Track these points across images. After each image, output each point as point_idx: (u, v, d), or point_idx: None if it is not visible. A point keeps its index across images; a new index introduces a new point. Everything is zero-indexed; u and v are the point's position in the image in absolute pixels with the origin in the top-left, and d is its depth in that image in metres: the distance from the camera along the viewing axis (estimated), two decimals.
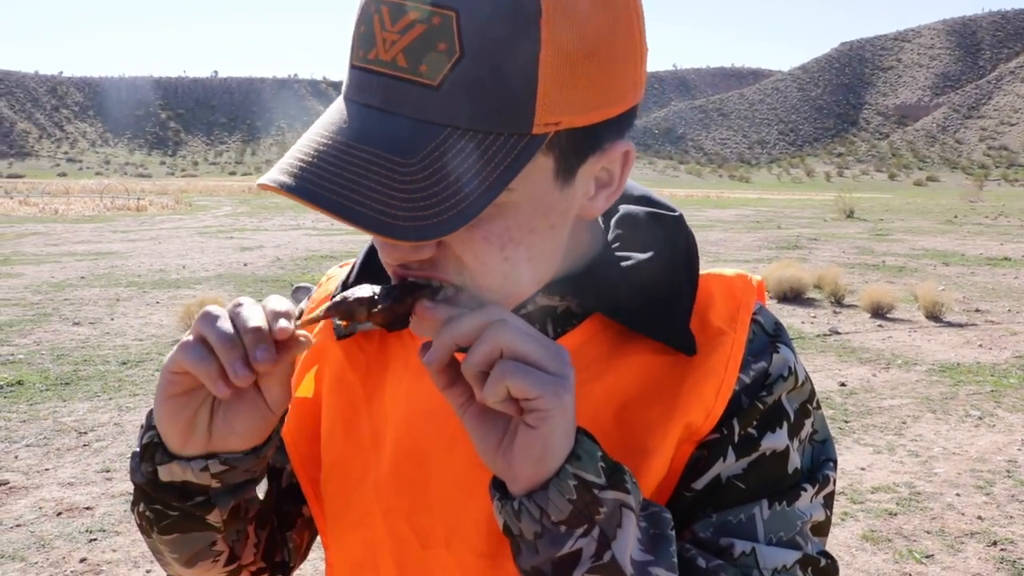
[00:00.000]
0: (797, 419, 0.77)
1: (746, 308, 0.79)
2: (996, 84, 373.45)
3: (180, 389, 0.69)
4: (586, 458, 0.63)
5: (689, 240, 0.82)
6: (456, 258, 0.67)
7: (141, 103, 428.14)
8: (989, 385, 7.10)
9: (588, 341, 0.78)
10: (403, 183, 0.59)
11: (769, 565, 0.72)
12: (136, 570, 3.79)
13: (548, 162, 0.66)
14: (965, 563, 3.92)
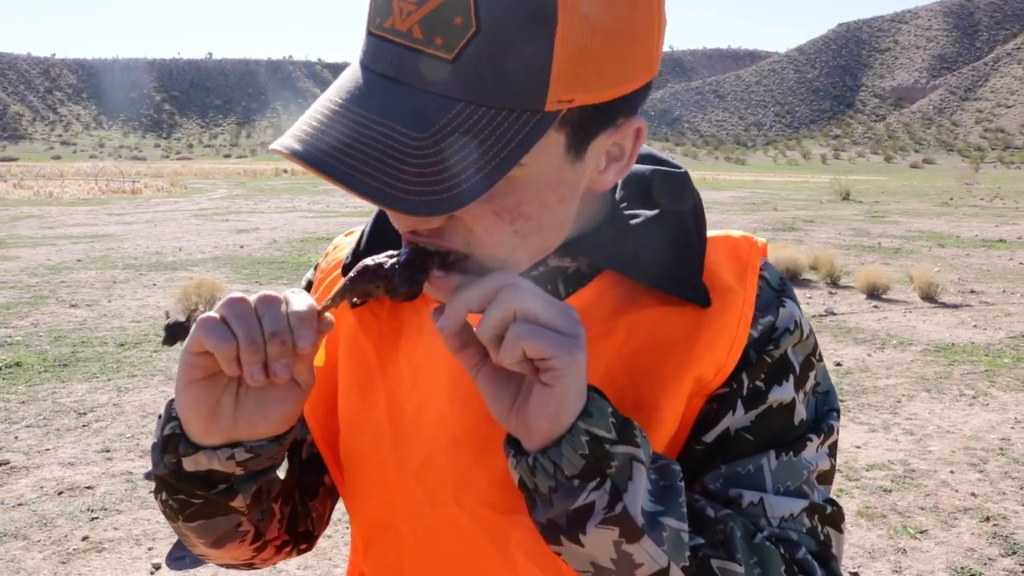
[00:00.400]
0: (802, 372, 0.79)
1: (753, 268, 0.80)
2: (993, 66, 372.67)
3: (202, 373, 0.68)
4: (597, 414, 0.65)
5: (696, 197, 0.83)
6: (466, 229, 0.68)
7: (135, 85, 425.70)
8: (983, 365, 7.15)
9: (598, 299, 0.79)
10: (415, 156, 0.59)
11: (777, 514, 0.74)
12: (138, 548, 3.83)
13: (560, 138, 0.66)
14: (958, 538, 3.97)
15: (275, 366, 0.65)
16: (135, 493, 4.40)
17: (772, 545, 0.72)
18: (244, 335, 0.65)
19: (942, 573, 3.65)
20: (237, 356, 0.65)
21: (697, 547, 0.69)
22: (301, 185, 42.10)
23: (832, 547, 0.77)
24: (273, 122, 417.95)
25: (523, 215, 0.68)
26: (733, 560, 0.69)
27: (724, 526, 0.71)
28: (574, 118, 0.65)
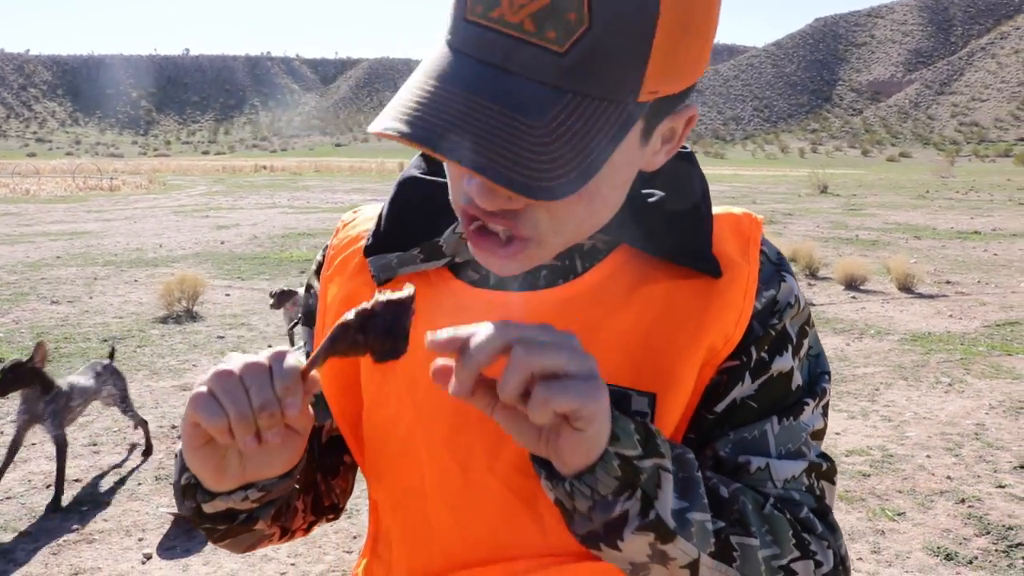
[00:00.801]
0: (798, 340, 0.85)
1: (755, 242, 0.86)
2: (967, 60, 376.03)
3: (202, 440, 0.71)
4: (624, 436, 0.69)
5: (702, 176, 0.88)
6: (544, 212, 0.71)
7: (111, 82, 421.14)
8: (959, 353, 7.28)
9: (615, 273, 0.84)
10: (530, 143, 0.62)
11: (781, 477, 0.81)
12: (128, 538, 3.85)
13: (639, 125, 0.70)
14: (935, 519, 4.07)
15: (267, 434, 0.68)
16: (123, 486, 4.42)
17: (779, 512, 0.78)
18: (234, 412, 0.67)
19: (919, 553, 3.74)
20: (230, 428, 0.67)
21: (719, 530, 0.74)
22: (280, 182, 41.93)
23: (827, 500, 0.84)
24: (251, 119, 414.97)
25: (601, 196, 0.73)
26: (749, 535, 0.75)
27: (738, 503, 0.76)
28: (653, 106, 0.69)
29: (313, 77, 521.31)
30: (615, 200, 0.76)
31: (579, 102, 0.64)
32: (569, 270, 0.85)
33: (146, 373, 6.46)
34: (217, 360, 4.03)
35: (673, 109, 0.73)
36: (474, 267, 0.88)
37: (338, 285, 0.94)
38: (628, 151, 0.71)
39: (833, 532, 0.82)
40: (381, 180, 45.87)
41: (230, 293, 9.91)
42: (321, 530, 3.94)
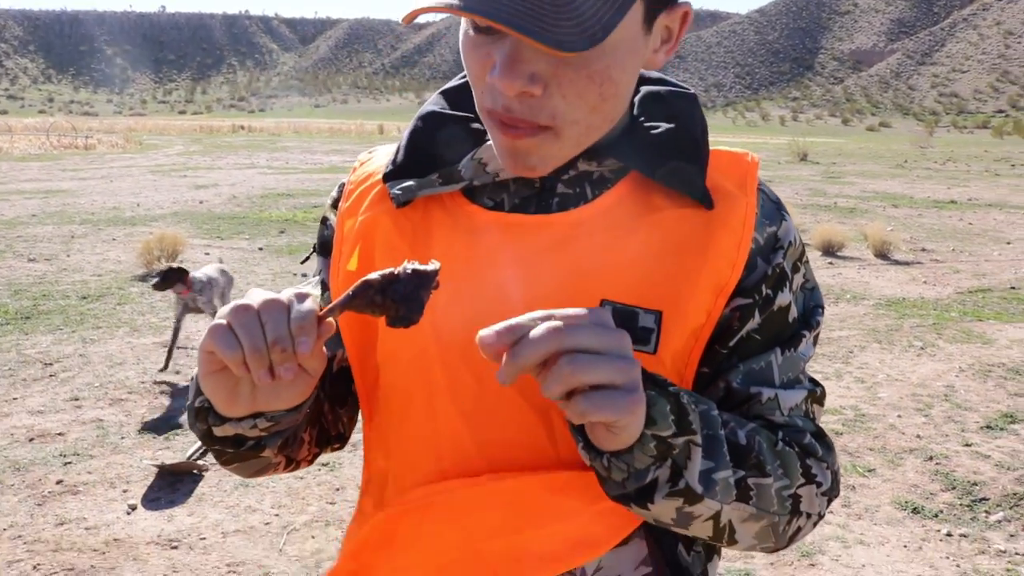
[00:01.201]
0: (793, 275, 0.91)
1: (752, 176, 0.92)
2: (949, 31, 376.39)
3: (217, 367, 0.75)
4: (660, 419, 0.73)
5: (702, 115, 0.94)
6: (559, 98, 0.78)
7: (85, 39, 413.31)
8: (931, 318, 7.41)
9: (623, 199, 0.89)
10: (551, 5, 0.70)
11: (787, 406, 0.88)
12: (113, 490, 3.89)
13: (640, 7, 0.77)
14: (903, 476, 4.18)
15: (279, 369, 0.71)
16: (107, 439, 4.45)
17: (789, 448, 0.85)
18: (249, 344, 0.70)
19: (887, 507, 3.86)
20: (244, 361, 0.70)
21: (739, 479, 0.80)
22: (259, 142, 41.53)
23: (818, 419, 0.92)
24: (229, 78, 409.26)
25: (610, 78, 0.79)
26: (765, 475, 0.81)
27: (755, 448, 0.82)
28: None
29: (292, 37, 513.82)
30: (626, 88, 0.82)
31: None
32: (580, 196, 0.90)
33: (127, 330, 6.45)
34: (197, 317, 4.06)
35: (668, 2, 0.81)
36: (490, 193, 0.92)
37: (356, 216, 0.97)
38: (632, 35, 0.78)
39: (830, 451, 0.90)
40: (360, 142, 45.51)
41: (209, 252, 9.87)
42: (304, 482, 4.00)
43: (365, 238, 0.95)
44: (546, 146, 0.82)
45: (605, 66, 0.77)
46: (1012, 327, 7.16)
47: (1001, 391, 5.46)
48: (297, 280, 8.43)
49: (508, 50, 0.76)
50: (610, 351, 0.68)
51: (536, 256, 0.87)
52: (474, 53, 0.80)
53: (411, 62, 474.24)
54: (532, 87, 0.77)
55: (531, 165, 0.83)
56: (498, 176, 0.90)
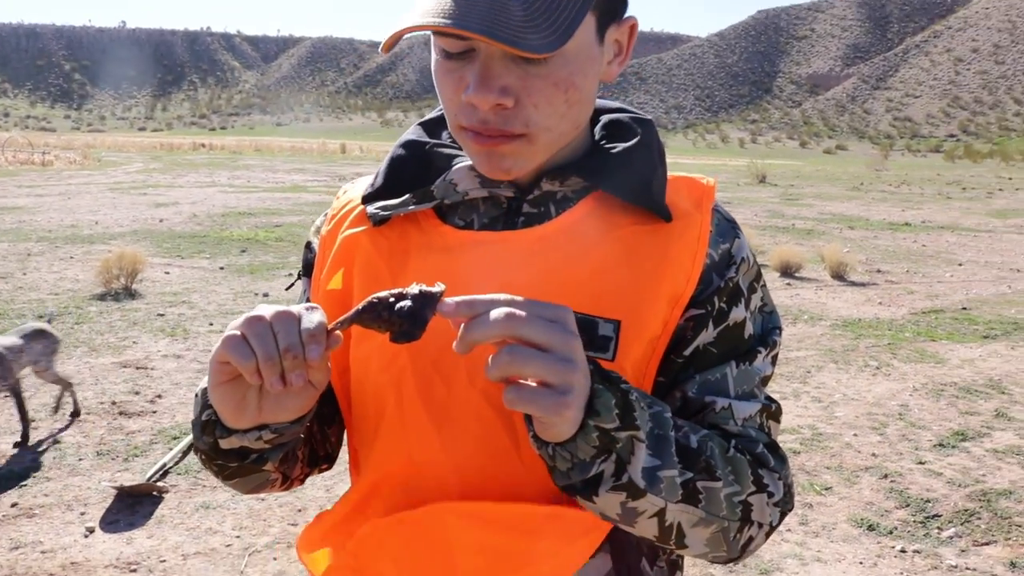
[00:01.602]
0: (749, 294, 0.97)
1: (708, 197, 0.98)
2: (903, 57, 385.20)
3: (228, 377, 0.79)
4: (604, 411, 0.77)
5: (659, 138, 1.01)
6: (531, 108, 0.86)
7: (43, 52, 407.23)
8: (887, 339, 7.57)
9: (585, 217, 0.95)
10: (519, 18, 0.78)
11: (740, 416, 0.93)
12: (70, 512, 3.84)
13: (592, 20, 0.86)
14: (859, 493, 4.27)
15: (290, 376, 0.76)
16: (64, 460, 4.39)
17: (741, 454, 0.89)
18: (262, 352, 0.75)
19: (844, 524, 3.93)
20: (258, 368, 0.75)
21: (687, 480, 0.83)
22: (220, 160, 41.18)
23: (774, 436, 0.97)
24: (190, 95, 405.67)
25: (574, 84, 0.86)
26: (714, 479, 0.85)
27: (706, 452, 0.85)
28: (600, 4, 0.86)
29: (254, 55, 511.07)
30: (588, 94, 0.90)
31: None
32: (545, 215, 0.96)
33: (85, 350, 6.37)
34: (157, 337, 4.07)
35: (616, 16, 0.90)
36: (461, 214, 0.99)
37: (337, 237, 1.03)
38: (588, 44, 0.86)
39: (783, 464, 0.94)
40: (322, 160, 45.34)
41: (169, 271, 9.78)
42: (265, 503, 3.98)
43: (345, 257, 1.01)
44: (520, 151, 0.89)
45: (568, 73, 0.85)
46: (963, 347, 7.34)
47: (953, 410, 5.60)
48: (259, 300, 8.38)
49: (480, 68, 0.84)
50: (554, 350, 0.73)
51: (503, 270, 0.92)
52: (448, 77, 0.88)
53: (374, 81, 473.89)
54: (505, 99, 0.84)
55: (505, 168, 0.90)
56: (467, 195, 0.96)
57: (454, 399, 0.92)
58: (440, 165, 1.00)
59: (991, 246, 14.63)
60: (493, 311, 0.73)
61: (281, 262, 10.67)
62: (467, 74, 0.85)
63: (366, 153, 60.34)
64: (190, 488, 4.14)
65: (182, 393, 5.49)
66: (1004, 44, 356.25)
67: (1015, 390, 6.07)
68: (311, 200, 19.60)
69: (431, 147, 1.02)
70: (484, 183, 0.96)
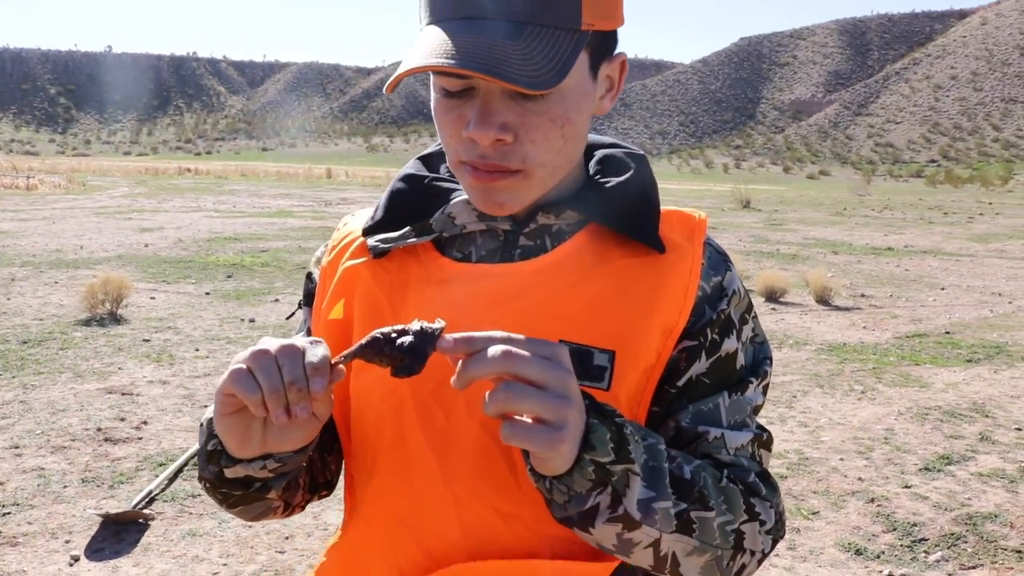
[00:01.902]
0: (741, 325, 1.00)
1: (700, 230, 1.01)
2: (883, 84, 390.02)
3: (233, 408, 0.82)
4: (599, 445, 0.80)
5: (651, 173, 1.04)
6: (528, 143, 0.88)
7: (28, 76, 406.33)
8: (871, 363, 7.62)
9: (580, 250, 0.98)
10: (518, 57, 0.81)
11: (732, 445, 0.95)
12: (55, 541, 3.80)
13: (585, 57, 0.89)
14: (847, 518, 4.28)
15: (295, 409, 0.78)
16: (48, 488, 4.35)
17: (733, 484, 0.92)
18: (267, 385, 0.77)
19: (831, 549, 3.94)
20: (263, 401, 0.78)
21: (681, 511, 0.85)
22: (205, 185, 41.13)
23: (766, 465, 0.99)
24: (176, 120, 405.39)
25: (569, 120, 0.89)
26: (708, 509, 0.87)
27: (699, 482, 0.87)
28: (593, 42, 0.89)
29: (240, 80, 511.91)
30: (582, 130, 0.93)
31: (541, 30, 0.83)
32: (540, 248, 0.99)
33: (70, 376, 6.33)
34: (143, 363, 4.06)
35: (608, 52, 0.93)
36: (459, 247, 1.01)
37: (337, 268, 1.06)
38: (583, 80, 0.90)
39: (775, 492, 0.97)
40: (308, 185, 45.36)
41: (155, 296, 9.74)
42: (252, 530, 3.95)
43: (346, 288, 1.03)
44: (517, 187, 0.92)
45: (564, 110, 0.88)
46: (947, 371, 7.39)
47: (938, 433, 5.64)
48: (245, 326, 8.35)
49: (480, 105, 0.87)
50: (549, 387, 0.76)
51: (501, 301, 0.95)
52: (448, 115, 0.90)
53: (359, 107, 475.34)
54: (504, 135, 0.87)
55: (500, 202, 0.92)
56: (465, 228, 0.99)
57: (453, 429, 0.94)
58: (439, 199, 1.02)
59: (973, 270, 14.77)
60: (490, 349, 0.75)
61: (267, 287, 10.65)
62: (467, 111, 0.88)
63: (352, 178, 60.42)
64: (176, 515, 4.11)
65: (168, 419, 5.46)
66: (982, 71, 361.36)
67: (998, 413, 6.12)
68: (297, 225, 19.59)
69: (430, 181, 1.05)
70: (482, 217, 0.98)
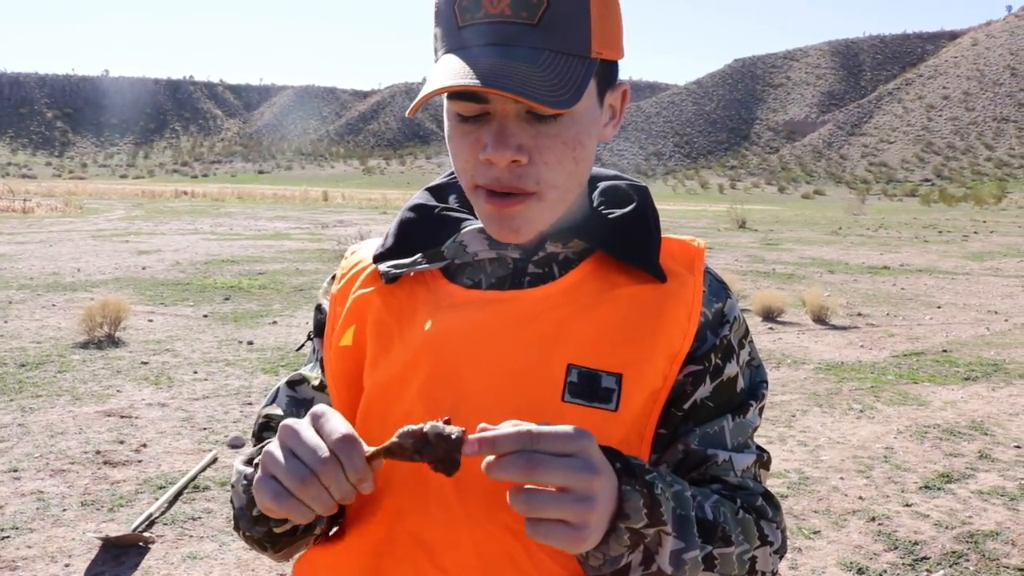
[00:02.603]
0: (740, 349, 1.04)
1: (699, 259, 1.05)
2: (876, 104, 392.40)
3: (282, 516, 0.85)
4: (633, 514, 0.83)
5: (653, 204, 1.08)
6: (541, 166, 0.92)
7: (25, 100, 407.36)
8: (869, 382, 7.63)
9: (586, 277, 1.01)
10: (538, 80, 0.85)
11: (740, 468, 0.99)
12: (54, 564, 3.78)
13: (594, 85, 0.93)
14: (848, 537, 4.28)
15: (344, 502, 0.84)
16: (47, 512, 4.33)
17: (747, 514, 0.96)
18: (321, 508, 0.82)
19: (833, 568, 3.94)
20: (316, 515, 0.84)
21: (707, 555, 0.89)
22: (202, 208, 41.18)
23: (765, 483, 1.04)
24: (172, 143, 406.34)
25: (580, 143, 0.93)
26: (728, 545, 0.91)
27: (721, 520, 0.91)
28: (601, 71, 0.93)
29: (236, 103, 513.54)
30: (590, 153, 0.97)
31: (556, 56, 0.88)
32: (548, 275, 1.02)
33: (68, 399, 6.31)
34: (141, 385, 4.03)
35: (613, 80, 0.98)
36: (469, 274, 1.04)
37: (348, 296, 1.08)
38: (591, 106, 0.94)
39: (778, 511, 1.02)
40: (304, 208, 45.43)
41: (153, 319, 9.74)
42: (254, 554, 3.93)
43: (357, 315, 1.06)
44: (531, 210, 0.94)
45: (575, 133, 0.92)
46: (945, 389, 7.40)
47: (937, 452, 5.64)
48: (243, 349, 8.35)
49: (496, 127, 0.90)
50: (572, 490, 0.78)
51: (510, 327, 0.97)
52: (464, 139, 0.94)
53: (356, 129, 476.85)
54: (520, 156, 0.90)
55: (515, 228, 0.95)
56: (476, 256, 1.02)
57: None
58: (449, 228, 1.05)
59: (968, 288, 14.82)
60: (512, 458, 0.77)
61: (265, 310, 10.65)
62: (483, 135, 0.91)
63: (348, 200, 60.52)
64: (176, 538, 4.10)
65: (167, 442, 5.45)
66: (973, 91, 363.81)
67: (997, 431, 6.12)
68: (294, 247, 19.61)
69: (440, 211, 1.08)
70: (492, 245, 1.01)
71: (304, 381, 1.12)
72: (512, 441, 0.77)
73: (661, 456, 1.00)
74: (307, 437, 0.82)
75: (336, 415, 0.84)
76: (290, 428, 0.83)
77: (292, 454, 0.81)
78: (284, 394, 1.13)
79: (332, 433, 0.81)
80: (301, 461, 0.81)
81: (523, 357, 0.96)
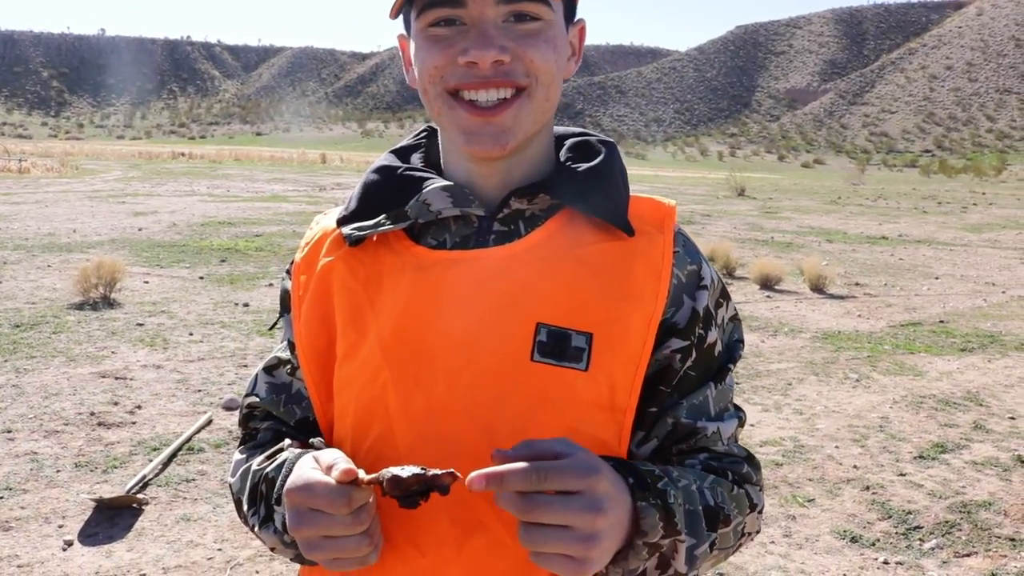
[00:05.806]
0: (716, 310, 1.03)
1: (670, 217, 1.04)
2: (879, 73, 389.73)
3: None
4: (650, 530, 0.86)
5: (620, 158, 1.06)
6: (527, 60, 0.94)
7: (20, 59, 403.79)
8: (866, 351, 7.62)
9: (553, 235, 0.99)
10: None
11: (726, 436, 1.01)
12: (48, 525, 3.78)
13: (561, 6, 0.97)
14: (842, 505, 4.29)
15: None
16: (41, 473, 4.33)
17: (740, 488, 0.99)
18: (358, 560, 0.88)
19: (827, 536, 3.95)
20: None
21: (713, 541, 0.93)
22: (199, 169, 40.96)
23: (740, 441, 1.07)
24: (169, 103, 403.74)
25: (558, 47, 0.97)
26: (728, 524, 0.95)
27: (720, 499, 0.95)
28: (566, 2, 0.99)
29: (235, 64, 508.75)
30: (561, 71, 0.99)
31: None
32: (514, 233, 1.00)
33: (63, 360, 6.29)
34: (136, 347, 4.00)
35: (573, 16, 1.02)
36: (433, 234, 1.02)
37: (314, 266, 1.06)
38: (561, 25, 0.98)
39: (758, 470, 1.05)
40: (302, 170, 45.20)
41: (149, 280, 9.70)
42: None
43: (323, 284, 1.04)
44: (520, 113, 0.95)
45: (554, 35, 0.96)
46: (941, 359, 7.41)
47: (932, 422, 5.64)
48: (239, 311, 8.32)
49: (477, 31, 0.92)
50: (575, 528, 0.80)
51: (476, 286, 0.96)
52: (438, 45, 0.94)
53: (354, 92, 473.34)
54: (503, 55, 0.92)
55: (500, 138, 0.94)
56: (440, 214, 0.99)
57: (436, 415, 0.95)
58: (412, 188, 1.02)
59: (967, 260, 14.80)
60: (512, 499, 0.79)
61: (261, 272, 10.61)
62: (460, 41, 0.93)
63: (346, 163, 60.20)
64: (170, 500, 4.10)
65: (162, 404, 5.44)
66: (977, 62, 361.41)
67: (992, 402, 6.13)
68: (291, 210, 19.52)
69: (403, 171, 1.05)
70: (456, 202, 0.99)
71: (279, 364, 1.11)
72: (519, 479, 0.78)
73: (650, 432, 1.00)
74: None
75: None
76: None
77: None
78: (263, 381, 1.12)
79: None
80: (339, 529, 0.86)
81: (490, 317, 0.94)
